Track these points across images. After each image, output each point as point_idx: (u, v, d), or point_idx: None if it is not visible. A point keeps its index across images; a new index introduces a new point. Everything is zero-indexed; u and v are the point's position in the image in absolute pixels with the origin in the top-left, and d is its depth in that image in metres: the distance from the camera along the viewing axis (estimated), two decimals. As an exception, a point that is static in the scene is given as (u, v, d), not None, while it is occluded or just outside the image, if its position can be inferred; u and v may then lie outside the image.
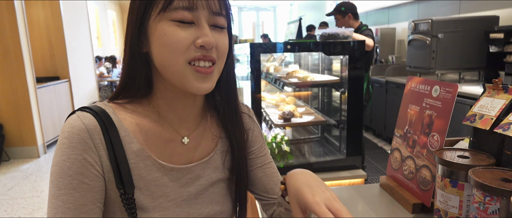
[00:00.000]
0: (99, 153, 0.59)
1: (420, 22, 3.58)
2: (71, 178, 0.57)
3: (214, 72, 0.62)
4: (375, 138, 4.77)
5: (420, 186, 0.86)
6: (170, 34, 0.57)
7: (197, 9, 0.58)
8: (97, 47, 8.69)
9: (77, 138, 0.57)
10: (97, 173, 0.59)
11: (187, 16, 0.58)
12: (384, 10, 5.56)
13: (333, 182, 2.09)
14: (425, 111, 0.87)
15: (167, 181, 0.65)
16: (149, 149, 0.64)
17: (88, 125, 0.58)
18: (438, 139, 0.81)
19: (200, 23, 0.59)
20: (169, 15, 0.57)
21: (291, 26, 2.82)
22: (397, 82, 4.09)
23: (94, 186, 0.58)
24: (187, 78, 0.59)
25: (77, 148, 0.57)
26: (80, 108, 0.61)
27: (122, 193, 0.60)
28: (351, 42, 2.05)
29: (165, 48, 0.58)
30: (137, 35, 0.60)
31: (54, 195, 0.57)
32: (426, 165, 0.84)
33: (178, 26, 0.58)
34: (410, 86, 0.95)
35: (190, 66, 0.59)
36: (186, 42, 0.58)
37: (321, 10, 8.75)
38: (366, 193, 0.99)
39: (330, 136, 2.56)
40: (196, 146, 0.70)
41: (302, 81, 2.20)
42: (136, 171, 0.62)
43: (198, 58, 0.59)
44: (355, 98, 2.08)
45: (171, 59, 0.58)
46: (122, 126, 0.62)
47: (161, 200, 0.65)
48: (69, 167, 0.57)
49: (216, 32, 0.61)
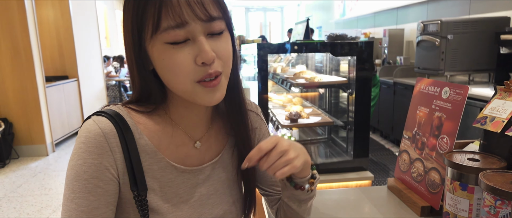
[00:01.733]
0: (115, 156, 0.59)
1: (429, 23, 3.55)
2: (86, 182, 0.58)
3: (222, 80, 0.61)
4: (382, 140, 4.73)
5: (429, 189, 0.85)
6: (168, 59, 0.56)
7: (188, 24, 0.54)
8: (106, 46, 8.77)
9: (93, 142, 0.58)
10: (112, 177, 0.60)
11: (180, 35, 0.55)
12: (392, 11, 5.51)
13: (339, 184, 2.07)
14: (435, 113, 0.86)
15: (180, 183, 0.66)
16: (162, 152, 0.65)
17: (104, 129, 0.59)
18: (447, 142, 0.80)
19: (195, 37, 0.56)
20: (161, 37, 0.55)
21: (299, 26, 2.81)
22: (405, 84, 4.06)
23: (108, 190, 0.59)
24: (197, 95, 0.59)
25: (94, 153, 0.58)
26: (95, 113, 0.62)
27: (135, 195, 0.61)
28: (359, 42, 2.03)
29: (167, 72, 0.58)
30: (138, 56, 0.59)
31: (69, 198, 0.58)
32: (435, 168, 0.83)
33: (173, 48, 0.55)
34: (419, 88, 0.94)
35: (198, 84, 0.58)
36: (187, 63, 0.56)
37: (328, 11, 8.71)
38: (373, 195, 0.98)
39: (337, 137, 2.54)
40: (207, 148, 0.70)
41: (309, 82, 2.20)
42: (149, 173, 0.63)
43: (204, 78, 0.58)
44: (362, 99, 2.06)
45: (177, 81, 0.58)
46: (137, 129, 0.63)
47: (174, 201, 0.65)
48: (85, 171, 0.58)
49: (214, 40, 0.58)
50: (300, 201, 0.72)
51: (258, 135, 0.78)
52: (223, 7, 0.59)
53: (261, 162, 0.59)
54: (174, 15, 0.54)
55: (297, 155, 0.61)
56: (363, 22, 6.68)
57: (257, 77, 2.05)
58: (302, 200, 0.72)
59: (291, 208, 0.73)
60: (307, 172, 0.69)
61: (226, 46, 0.60)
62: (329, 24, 8.70)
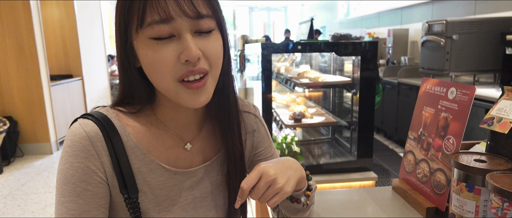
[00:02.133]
0: (101, 159, 0.59)
1: (434, 23, 3.52)
2: (74, 186, 0.57)
3: (208, 82, 0.58)
4: (386, 140, 4.71)
5: (434, 190, 0.84)
6: (151, 55, 0.54)
7: (173, 19, 0.52)
8: (110, 46, 8.81)
9: (79, 146, 0.58)
10: (100, 180, 0.59)
11: (164, 30, 0.53)
12: (397, 11, 5.49)
13: (343, 184, 2.07)
14: (441, 113, 0.85)
15: (172, 185, 0.65)
16: (152, 154, 0.63)
17: (89, 133, 0.58)
18: (454, 142, 0.79)
19: (181, 34, 0.54)
20: (145, 32, 0.54)
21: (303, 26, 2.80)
22: (409, 84, 4.03)
23: (98, 193, 0.59)
24: (179, 95, 0.57)
25: (80, 156, 0.58)
26: (82, 115, 0.62)
27: (126, 197, 0.60)
28: (363, 42, 2.03)
29: (150, 69, 0.56)
30: (124, 51, 0.58)
31: (59, 202, 0.58)
32: (440, 169, 0.83)
33: (157, 43, 0.54)
34: (425, 88, 0.93)
35: (180, 84, 0.56)
36: (169, 60, 0.54)
37: (332, 10, 8.69)
38: (378, 196, 0.97)
39: (341, 137, 2.53)
40: (199, 150, 0.69)
41: (313, 82, 2.19)
42: (140, 175, 0.62)
43: (186, 75, 0.55)
44: (367, 99, 2.05)
45: (159, 78, 0.56)
46: (125, 131, 0.62)
47: (166, 203, 0.64)
48: (72, 174, 0.57)
49: (202, 39, 0.56)
50: (298, 211, 0.71)
51: (256, 138, 0.76)
52: (213, 5, 0.57)
53: (251, 195, 0.59)
54: (159, 10, 0.52)
55: (286, 181, 0.60)
56: (367, 22, 6.65)
57: (261, 77, 2.05)
58: (300, 210, 0.70)
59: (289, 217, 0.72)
60: (303, 184, 0.67)
61: (214, 46, 0.57)
62: (333, 24, 8.68)
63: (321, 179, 2.04)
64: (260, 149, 0.76)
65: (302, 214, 0.71)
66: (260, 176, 0.58)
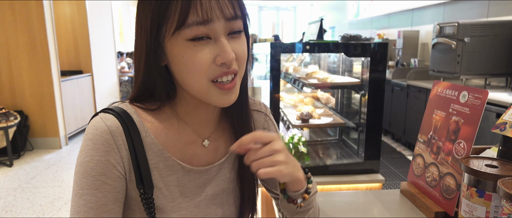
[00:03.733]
0: (121, 154, 0.60)
1: (445, 25, 3.48)
2: (94, 179, 0.58)
3: (237, 83, 0.60)
4: (394, 143, 4.67)
5: (443, 194, 0.83)
6: (188, 56, 0.56)
7: (212, 21, 0.54)
8: (119, 42, 8.89)
9: (100, 139, 0.58)
10: (119, 174, 0.60)
11: (202, 31, 0.54)
12: (407, 12, 5.43)
13: (349, 186, 2.05)
14: (452, 117, 0.84)
15: (186, 182, 0.66)
16: (169, 150, 0.64)
17: (110, 127, 0.59)
18: (464, 147, 0.78)
19: (218, 37, 0.56)
20: (184, 33, 0.54)
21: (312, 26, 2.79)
22: (419, 86, 3.99)
23: (116, 187, 0.60)
24: (211, 95, 0.59)
25: (100, 150, 0.58)
26: (102, 110, 0.62)
27: (142, 193, 0.61)
28: (372, 43, 2.01)
29: (185, 70, 0.57)
30: (153, 50, 0.58)
31: (77, 195, 0.58)
32: (450, 173, 0.82)
33: (195, 45, 0.55)
34: (436, 91, 0.92)
35: (213, 84, 0.58)
36: (206, 62, 0.56)
37: (342, 11, 8.64)
38: (385, 199, 0.96)
39: (348, 138, 2.52)
40: (215, 147, 0.70)
41: (322, 82, 2.18)
42: (156, 171, 0.63)
43: (221, 75, 0.57)
44: (375, 101, 2.04)
45: (192, 79, 0.57)
46: (143, 127, 0.62)
47: (180, 200, 0.65)
48: (93, 167, 0.58)
49: (234, 40, 0.58)
50: (296, 212, 0.70)
51: None
52: (243, 7, 0.59)
53: (249, 153, 0.58)
54: (202, 12, 0.53)
55: (286, 162, 0.60)
56: (377, 23, 6.59)
57: (269, 76, 2.05)
58: (298, 212, 0.70)
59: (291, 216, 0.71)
60: (301, 185, 0.67)
61: (243, 47, 0.60)
62: (343, 25, 8.62)
63: (328, 180, 2.04)
64: None
65: (301, 215, 0.71)
66: (271, 140, 0.59)
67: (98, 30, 5.37)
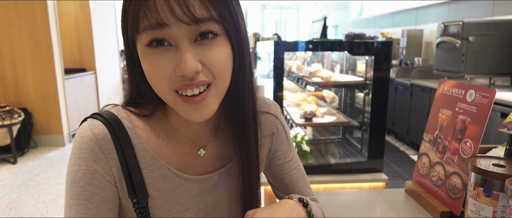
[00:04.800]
0: (110, 163, 0.57)
1: (450, 24, 3.46)
2: (82, 189, 0.56)
3: (210, 95, 0.53)
4: (397, 142, 4.65)
5: (449, 194, 0.83)
6: (147, 64, 0.51)
7: (167, 26, 0.47)
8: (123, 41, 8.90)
9: (87, 148, 0.56)
10: (109, 184, 0.57)
11: (158, 36, 0.48)
12: (411, 11, 5.40)
13: (353, 185, 2.05)
14: (458, 116, 0.83)
15: (183, 191, 0.62)
16: (163, 159, 0.61)
17: (97, 135, 0.56)
18: (471, 146, 0.78)
19: (177, 43, 0.49)
20: (141, 39, 0.50)
21: (316, 25, 2.78)
22: (422, 86, 3.97)
23: (106, 197, 0.57)
24: (177, 108, 0.53)
25: (87, 159, 0.56)
26: (91, 115, 0.59)
27: (135, 202, 0.58)
28: (376, 42, 2.00)
29: (149, 78, 0.53)
30: (131, 57, 0.55)
31: (68, 204, 0.56)
32: (456, 172, 0.81)
33: (153, 53, 0.49)
34: (442, 90, 0.91)
35: (178, 96, 0.52)
36: (166, 72, 0.50)
37: (345, 10, 8.61)
38: (390, 198, 0.96)
39: (352, 137, 2.51)
40: (214, 156, 0.65)
41: (325, 81, 2.17)
42: (150, 180, 0.60)
43: (182, 87, 0.50)
44: (379, 100, 2.03)
45: (158, 88, 0.53)
46: (136, 134, 0.59)
47: (177, 209, 0.62)
48: (80, 177, 0.56)
49: (203, 48, 0.50)
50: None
51: (274, 141, 0.71)
52: (216, 7, 0.49)
53: None
54: (151, 15, 0.47)
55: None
56: (381, 21, 6.57)
57: (272, 75, 2.04)
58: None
59: None
60: None
61: (217, 55, 0.51)
62: (346, 23, 8.59)
63: (331, 179, 2.03)
64: (279, 153, 0.72)
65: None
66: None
67: (102, 28, 5.38)
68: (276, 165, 0.72)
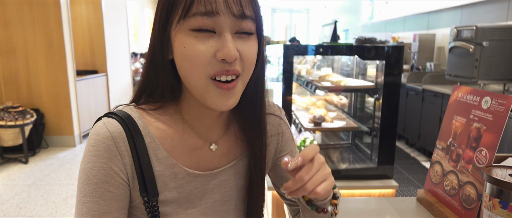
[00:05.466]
0: (124, 160, 0.58)
1: (463, 29, 3.40)
2: (96, 186, 0.57)
3: (238, 85, 0.57)
4: (408, 148, 4.58)
5: (463, 204, 0.80)
6: (188, 47, 0.54)
7: (217, 14, 0.52)
8: (134, 43, 9.00)
9: (102, 146, 0.57)
10: (122, 181, 0.58)
11: (207, 23, 0.52)
12: (423, 15, 5.33)
13: (362, 191, 2.02)
14: (473, 123, 0.81)
15: (192, 188, 0.63)
16: (174, 156, 0.62)
17: (113, 133, 0.57)
18: (486, 155, 0.75)
19: (222, 32, 0.53)
20: (187, 23, 0.53)
21: (326, 28, 2.76)
22: (434, 91, 3.91)
23: (119, 194, 0.58)
24: (208, 94, 0.56)
25: (102, 156, 0.57)
26: (106, 114, 0.60)
27: (146, 201, 0.59)
28: (388, 46, 1.97)
29: (185, 62, 0.55)
30: (160, 42, 0.57)
31: (80, 202, 0.57)
32: (471, 182, 0.78)
33: (196, 37, 0.53)
34: (456, 96, 0.89)
35: (212, 81, 0.55)
36: (206, 56, 0.53)
37: (356, 13, 8.55)
38: (401, 207, 0.93)
39: (361, 143, 2.48)
40: (224, 151, 0.67)
41: (335, 85, 2.15)
42: (161, 178, 0.61)
43: (220, 73, 0.54)
44: (390, 105, 1.99)
45: (191, 73, 0.55)
46: (148, 132, 0.60)
47: (186, 206, 0.63)
48: (95, 175, 0.57)
49: (241, 40, 0.55)
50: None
51: (280, 141, 0.73)
52: (256, 9, 0.56)
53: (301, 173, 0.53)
54: (207, 3, 0.52)
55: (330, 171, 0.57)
56: (392, 26, 6.50)
57: (282, 79, 2.03)
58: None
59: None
60: (329, 192, 0.64)
61: (251, 50, 0.57)
62: (356, 27, 8.53)
63: (340, 185, 2.00)
64: (284, 153, 0.74)
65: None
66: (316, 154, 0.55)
67: (113, 30, 5.45)
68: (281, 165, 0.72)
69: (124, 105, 0.64)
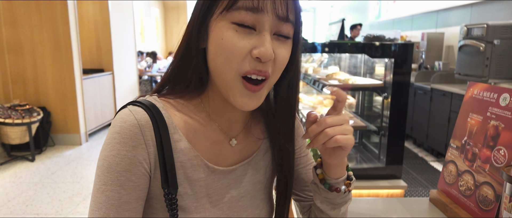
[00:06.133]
0: (148, 150, 0.56)
1: (473, 27, 3.34)
2: (118, 175, 0.55)
3: (264, 89, 0.57)
4: (415, 148, 4.52)
5: (479, 205, 0.77)
6: (227, 39, 0.53)
7: (262, 12, 0.52)
8: (140, 42, 9.04)
9: (128, 133, 0.55)
10: (144, 171, 0.57)
11: (249, 19, 0.52)
12: (432, 14, 5.26)
13: (370, 191, 1.98)
14: (490, 121, 0.77)
15: (211, 182, 0.63)
16: (197, 148, 0.61)
17: (140, 121, 0.56)
18: (505, 154, 0.71)
19: (262, 30, 0.53)
20: (230, 15, 0.53)
21: (333, 27, 2.72)
22: (443, 90, 3.84)
23: (140, 184, 0.57)
24: (233, 91, 0.56)
25: (128, 144, 0.55)
26: (131, 102, 0.59)
27: (166, 192, 0.58)
28: (396, 44, 1.93)
29: (220, 54, 0.54)
30: (197, 29, 0.56)
31: (99, 190, 0.55)
32: (488, 182, 0.75)
33: (237, 31, 0.53)
34: (471, 93, 0.85)
35: (240, 79, 0.55)
36: (242, 51, 0.53)
37: (363, 12, 8.48)
38: (414, 207, 0.90)
39: (369, 142, 2.44)
40: (242, 147, 0.67)
41: (343, 84, 2.12)
42: (181, 170, 0.60)
43: (252, 72, 0.54)
44: (398, 104, 1.96)
45: (223, 66, 0.55)
46: (172, 123, 0.59)
47: (204, 201, 0.62)
48: (118, 163, 0.55)
49: (278, 42, 0.55)
50: (334, 204, 0.66)
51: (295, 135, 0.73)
52: (298, 15, 0.56)
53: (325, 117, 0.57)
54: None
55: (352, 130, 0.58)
56: (400, 24, 6.42)
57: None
58: (337, 203, 0.66)
59: (324, 213, 0.67)
60: (343, 172, 0.64)
61: (285, 54, 0.56)
62: (364, 26, 8.45)
63: (347, 185, 1.97)
64: (297, 147, 0.73)
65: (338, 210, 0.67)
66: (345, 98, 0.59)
67: (120, 29, 5.46)
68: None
69: (147, 95, 0.62)
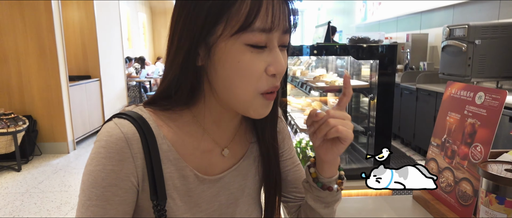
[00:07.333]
0: (136, 163, 0.56)
1: (455, 28, 3.42)
2: (104, 190, 0.54)
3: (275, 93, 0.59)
4: (403, 147, 4.60)
5: (459, 201, 0.79)
6: (244, 62, 0.52)
7: (274, 30, 0.53)
8: (128, 48, 8.96)
9: (114, 147, 0.54)
10: (132, 185, 0.56)
11: (263, 40, 0.52)
12: (416, 15, 5.37)
13: (358, 191, 2.01)
14: (467, 119, 0.80)
15: (200, 192, 0.63)
16: (185, 159, 0.61)
17: (126, 133, 0.55)
18: (481, 150, 0.74)
19: (273, 46, 0.54)
20: (244, 38, 0.51)
21: (319, 29, 2.76)
22: (428, 90, 3.92)
23: (126, 199, 0.56)
24: (254, 106, 0.56)
25: (114, 159, 0.54)
26: (117, 114, 0.58)
27: (155, 204, 0.57)
28: (381, 46, 1.97)
29: (236, 75, 0.53)
30: (195, 48, 0.54)
31: (84, 205, 0.54)
32: (466, 178, 0.78)
33: (251, 52, 0.52)
34: (450, 92, 0.88)
35: (260, 96, 0.56)
36: (259, 71, 0.54)
37: (349, 15, 8.60)
38: (397, 205, 0.93)
39: (357, 143, 2.47)
40: (231, 155, 0.67)
41: (329, 86, 2.15)
42: (170, 181, 0.59)
43: (271, 90, 0.56)
44: (384, 105, 1.99)
45: (240, 87, 0.54)
46: (160, 133, 0.58)
47: (194, 211, 0.62)
48: (103, 178, 0.54)
49: (282, 53, 0.56)
50: (326, 203, 0.68)
51: (280, 137, 0.75)
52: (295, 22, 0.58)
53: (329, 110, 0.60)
54: (269, 18, 0.52)
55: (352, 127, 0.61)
56: (385, 26, 6.53)
57: (276, 80, 2.01)
58: (329, 202, 0.68)
59: (315, 211, 0.68)
60: (335, 171, 0.67)
61: (287, 61, 0.58)
62: (350, 29, 8.58)
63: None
64: (283, 150, 0.75)
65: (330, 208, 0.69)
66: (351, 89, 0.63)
67: (106, 35, 5.42)
68: (281, 162, 0.74)
69: (134, 106, 0.61)
